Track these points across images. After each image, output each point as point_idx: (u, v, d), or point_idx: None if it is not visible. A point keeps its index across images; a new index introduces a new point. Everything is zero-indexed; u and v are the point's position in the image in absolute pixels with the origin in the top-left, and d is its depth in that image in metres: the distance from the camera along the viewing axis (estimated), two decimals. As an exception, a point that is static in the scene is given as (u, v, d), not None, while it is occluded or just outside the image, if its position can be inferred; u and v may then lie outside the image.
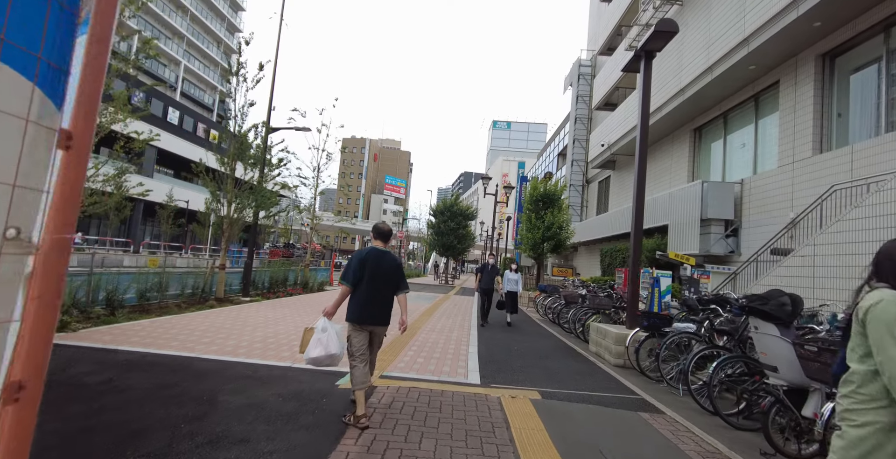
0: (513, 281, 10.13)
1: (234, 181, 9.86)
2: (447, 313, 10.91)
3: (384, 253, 3.59)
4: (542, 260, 15.34)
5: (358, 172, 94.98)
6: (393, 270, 3.56)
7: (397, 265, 3.63)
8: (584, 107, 31.15)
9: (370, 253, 3.53)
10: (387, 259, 3.57)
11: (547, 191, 14.86)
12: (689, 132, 17.71)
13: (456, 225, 26.52)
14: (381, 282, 3.50)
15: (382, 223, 3.82)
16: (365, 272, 3.45)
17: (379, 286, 3.48)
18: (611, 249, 20.32)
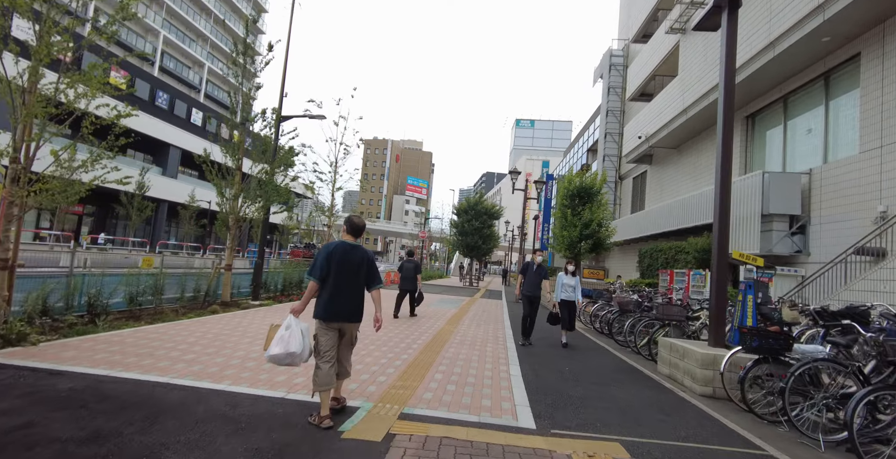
0: (569, 288, 7.83)
1: (240, 174, 8.93)
2: (477, 319, 9.72)
3: (354, 247, 3.46)
4: (578, 261, 13.95)
5: (380, 173, 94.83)
6: (362, 264, 3.42)
7: (367, 259, 3.48)
8: (615, 100, 29.46)
9: (337, 247, 3.38)
10: (356, 253, 3.43)
11: (584, 185, 13.48)
12: (740, 120, 16.00)
13: (480, 224, 25.27)
14: (349, 277, 3.36)
15: (356, 216, 3.64)
16: (331, 267, 3.30)
17: (346, 281, 3.35)
18: (651, 249, 18.71)
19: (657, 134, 20.26)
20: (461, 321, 9.30)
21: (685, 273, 13.96)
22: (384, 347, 5.99)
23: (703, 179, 18.21)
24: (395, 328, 7.79)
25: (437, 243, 47.77)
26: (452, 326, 8.44)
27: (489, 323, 9.37)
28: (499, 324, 9.18)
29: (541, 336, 8.22)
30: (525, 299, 7.79)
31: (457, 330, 8.03)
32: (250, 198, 9.09)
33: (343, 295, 3.32)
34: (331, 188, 13.53)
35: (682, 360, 5.04)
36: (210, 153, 8.85)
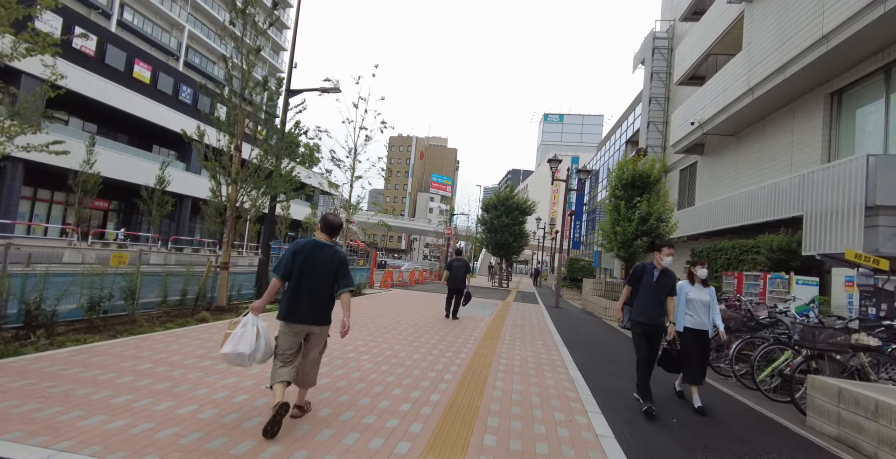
0: (700, 307, 4.70)
1: (239, 154, 7.52)
2: (520, 332, 8.05)
3: (325, 246, 3.24)
4: (633, 261, 12.05)
5: (404, 171, 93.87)
6: (331, 265, 3.19)
7: (339, 259, 3.23)
8: (659, 85, 27.08)
9: (306, 245, 3.20)
10: (326, 252, 3.21)
11: (640, 173, 11.56)
12: (822, 98, 13.68)
13: (511, 220, 23.48)
14: (316, 278, 3.14)
15: (333, 214, 3.42)
16: (296, 265, 3.12)
17: (312, 281, 3.13)
18: (709, 249, 16.54)
19: (713, 119, 17.98)
20: (500, 334, 7.65)
21: (760, 276, 11.88)
22: (408, 377, 4.42)
23: (769, 169, 15.89)
24: (423, 343, 6.24)
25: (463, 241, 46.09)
26: (491, 341, 6.80)
27: (535, 337, 7.68)
28: (548, 340, 7.48)
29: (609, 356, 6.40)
30: (639, 329, 4.64)
31: (498, 348, 6.39)
32: (252, 184, 7.68)
33: (308, 295, 3.12)
34: (349, 177, 12.07)
35: (873, 420, 3.24)
36: (204, 131, 7.47)
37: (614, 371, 5.73)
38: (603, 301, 11.82)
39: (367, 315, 8.46)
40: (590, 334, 8.78)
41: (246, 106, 7.56)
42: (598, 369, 5.73)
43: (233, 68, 7.54)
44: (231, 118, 7.48)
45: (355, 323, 7.25)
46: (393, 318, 8.30)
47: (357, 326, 7.07)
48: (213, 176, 7.32)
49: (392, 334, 6.63)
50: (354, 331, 6.58)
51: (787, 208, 12.84)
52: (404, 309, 9.79)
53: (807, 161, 13.96)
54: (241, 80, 7.55)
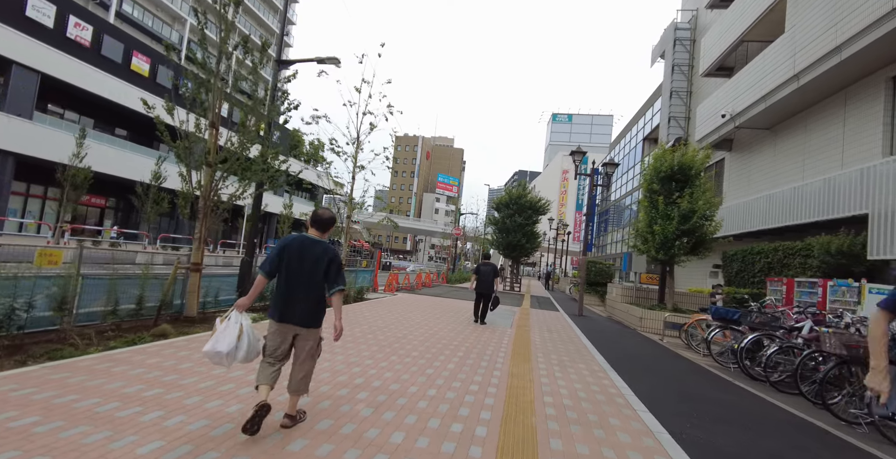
0: None
1: (215, 133, 6.22)
2: (553, 348, 6.69)
3: (314, 242, 3.04)
4: (673, 264, 10.62)
5: (410, 171, 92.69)
6: (321, 262, 2.99)
7: (330, 257, 3.02)
8: (681, 79, 25.62)
9: (294, 241, 3.03)
10: (315, 249, 3.01)
11: (683, 164, 10.14)
12: (882, 82, 12.20)
13: (524, 220, 22.06)
14: (302, 276, 2.98)
15: (324, 208, 3.24)
16: (283, 262, 2.97)
17: (299, 280, 2.97)
18: (744, 251, 15.06)
19: (748, 111, 16.52)
20: (531, 352, 6.29)
21: (818, 283, 10.40)
22: (422, 435, 3.03)
23: (815, 164, 14.41)
24: (438, 369, 4.94)
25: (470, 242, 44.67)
26: (523, 365, 5.43)
27: (573, 357, 6.29)
28: (591, 362, 6.08)
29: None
30: None
31: (535, 374, 5.02)
32: (232, 171, 6.38)
33: (296, 294, 2.95)
34: (351, 167, 10.74)
35: None
36: (174, 107, 6.18)
37: (694, 412, 4.32)
38: (637, 309, 10.39)
39: (370, 326, 7.12)
40: (634, 352, 7.37)
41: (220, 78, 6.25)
42: (673, 409, 4.33)
43: (205, 24, 6.24)
44: (204, 86, 6.17)
45: (355, 340, 5.95)
46: (400, 330, 6.96)
47: (357, 342, 5.75)
48: (181, 158, 6.02)
49: (399, 354, 5.29)
50: (353, 351, 5.26)
51: (846, 206, 11.37)
52: (413, 319, 8.44)
53: (863, 153, 12.47)
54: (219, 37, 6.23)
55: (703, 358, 7.26)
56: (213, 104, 6.25)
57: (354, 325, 7.05)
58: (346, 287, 10.37)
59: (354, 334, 6.29)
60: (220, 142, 6.37)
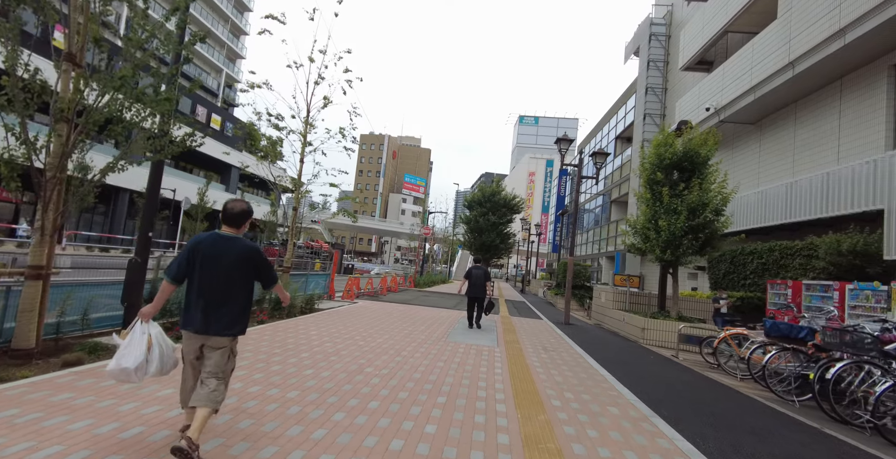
0: None
1: (73, 79, 4.15)
2: (563, 381, 5.01)
3: (230, 239, 2.68)
4: (678, 265, 9.23)
5: (376, 170, 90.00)
6: (237, 262, 2.65)
7: (250, 255, 2.69)
8: (657, 75, 24.98)
9: (205, 240, 2.67)
10: (232, 248, 2.65)
11: (689, 150, 8.75)
12: (883, 71, 11.43)
13: (498, 219, 20.50)
14: (217, 278, 2.61)
15: (234, 200, 2.82)
16: (196, 264, 2.60)
17: (214, 282, 2.61)
18: (732, 252, 14.06)
19: (735, 103, 15.68)
20: (538, 390, 4.55)
21: (833, 286, 9.30)
22: None
23: (806, 159, 13.62)
24: (418, 425, 3.20)
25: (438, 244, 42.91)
26: (537, 416, 3.70)
27: (594, 394, 4.60)
28: (623, 404, 4.41)
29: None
30: None
31: (557, 432, 3.27)
32: (96, 126, 4.35)
33: (206, 299, 2.59)
34: (299, 148, 8.72)
35: None
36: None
37: None
38: (638, 319, 8.92)
39: (312, 354, 5.20)
40: (660, 379, 5.78)
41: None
42: None
43: None
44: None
45: (284, 383, 4.10)
46: (355, 359, 5.09)
47: (286, 388, 3.91)
48: (4, 105, 3.88)
49: (350, 411, 3.41)
50: (277, 410, 3.35)
51: (854, 201, 10.40)
52: (375, 337, 6.56)
53: (864, 146, 11.64)
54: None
55: (740, 383, 5.79)
56: (72, 24, 4.15)
57: (290, 354, 5.08)
58: (292, 295, 8.10)
59: (286, 372, 4.34)
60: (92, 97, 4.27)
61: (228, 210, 2.74)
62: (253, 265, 2.70)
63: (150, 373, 2.60)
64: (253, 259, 2.70)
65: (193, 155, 33.86)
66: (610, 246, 28.51)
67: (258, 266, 2.72)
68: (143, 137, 4.76)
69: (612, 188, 30.75)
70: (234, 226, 2.73)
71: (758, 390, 5.49)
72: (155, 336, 2.64)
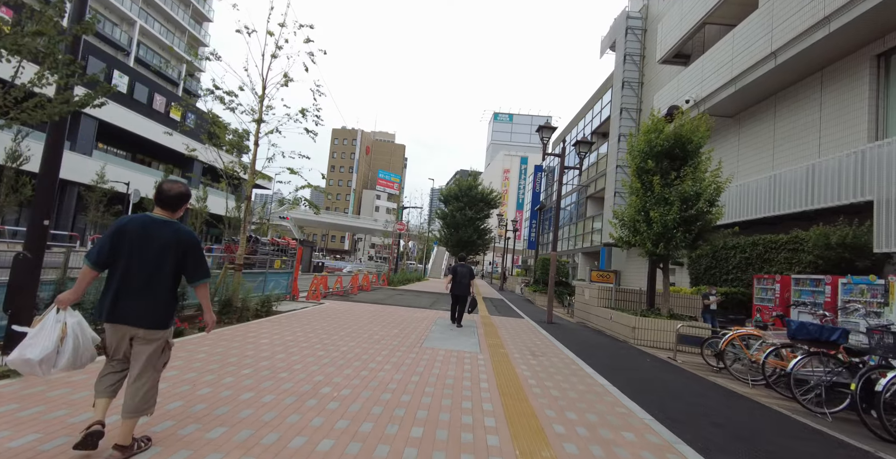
0: None
1: None
2: (559, 389, 4.36)
3: (162, 224, 2.45)
4: (668, 260, 8.67)
5: (348, 166, 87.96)
6: (168, 248, 2.42)
7: (184, 241, 2.47)
8: (633, 69, 24.77)
9: (132, 222, 2.45)
10: (163, 233, 2.43)
11: (680, 137, 8.16)
12: (866, 62, 11.24)
13: (475, 213, 19.76)
14: (145, 265, 2.40)
15: (171, 181, 2.62)
16: (123, 248, 2.38)
17: (140, 269, 2.39)
18: (713, 247, 13.76)
19: (715, 95, 15.42)
20: (534, 409, 3.79)
21: (824, 280, 8.95)
22: None
23: (786, 152, 13.44)
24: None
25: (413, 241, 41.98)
26: (542, 451, 2.87)
27: (600, 413, 3.84)
28: (631, 421, 3.67)
29: None
30: None
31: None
32: None
33: (132, 288, 2.38)
34: (253, 128, 7.65)
35: None
36: None
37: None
38: (628, 317, 8.31)
39: (258, 368, 4.28)
40: (666, 388, 5.11)
41: None
42: None
43: None
44: None
45: (207, 416, 3.11)
46: (311, 375, 4.22)
47: (212, 421, 2.94)
48: None
49: (291, 453, 2.53)
50: (193, 453, 2.41)
51: (840, 193, 10.13)
52: (339, 345, 5.67)
53: (846, 138, 11.45)
54: None
55: (754, 391, 5.19)
56: None
57: (227, 371, 4.12)
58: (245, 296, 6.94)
59: (215, 397, 3.38)
60: None
61: (164, 191, 2.50)
62: (183, 253, 2.46)
63: (60, 366, 2.38)
64: (185, 246, 2.47)
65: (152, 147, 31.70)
66: (586, 243, 28.28)
67: (190, 254, 2.49)
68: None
69: (588, 184, 30.56)
70: (169, 210, 2.51)
71: (776, 399, 4.88)
72: (71, 325, 2.41)
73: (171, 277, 2.47)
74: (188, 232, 2.54)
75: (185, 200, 2.56)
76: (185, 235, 2.50)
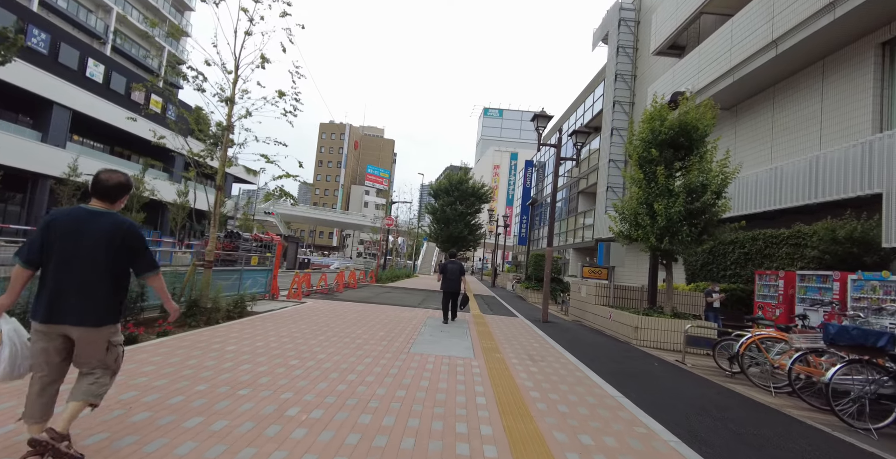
0: None
1: None
2: (567, 404, 3.83)
3: (98, 215, 2.31)
4: (672, 256, 8.18)
5: (336, 161, 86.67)
6: (104, 241, 2.26)
7: (122, 233, 2.30)
8: (626, 61, 24.35)
9: (63, 215, 2.29)
10: (98, 225, 2.27)
11: (684, 124, 7.62)
12: (871, 50, 10.87)
13: (466, 208, 19.18)
14: (81, 259, 2.24)
15: (109, 171, 2.42)
16: (54, 243, 2.23)
17: (75, 264, 2.24)
18: (716, 243, 13.37)
19: (713, 86, 15.03)
20: (540, 430, 3.22)
21: (833, 276, 8.56)
22: None
23: (785, 145, 13.11)
24: None
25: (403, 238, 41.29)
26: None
27: (619, 437, 3.30)
28: (647, 438, 3.14)
29: None
30: None
31: None
32: None
33: (68, 284, 2.23)
34: (226, 111, 6.96)
35: None
36: None
37: None
38: (630, 316, 7.81)
39: (215, 384, 3.67)
40: (685, 397, 4.59)
41: None
42: None
43: None
44: None
45: (135, 453, 2.44)
46: (278, 392, 3.62)
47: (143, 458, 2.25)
48: None
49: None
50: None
51: (848, 185, 9.74)
52: (315, 352, 5.07)
53: (849, 129, 11.09)
54: None
55: (778, 400, 4.68)
56: None
57: (177, 389, 3.47)
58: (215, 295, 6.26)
59: (152, 424, 2.75)
60: None
61: (102, 181, 2.37)
62: (124, 245, 2.33)
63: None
64: (125, 238, 2.34)
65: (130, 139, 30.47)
66: (577, 238, 27.92)
67: (131, 246, 2.36)
68: None
69: (579, 178, 30.18)
70: (106, 201, 2.39)
71: (806, 410, 4.36)
72: (7, 332, 2.29)
73: (112, 271, 2.31)
74: (128, 223, 2.37)
75: (124, 191, 2.43)
76: (124, 226, 2.34)
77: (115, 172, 2.44)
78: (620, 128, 24.08)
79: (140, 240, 2.42)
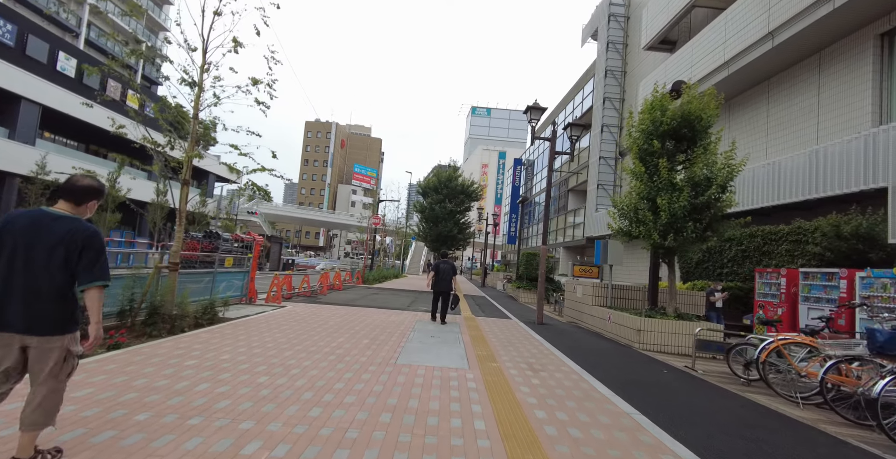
0: None
1: None
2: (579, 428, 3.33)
3: (57, 219, 2.20)
4: (675, 253, 7.74)
5: (323, 160, 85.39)
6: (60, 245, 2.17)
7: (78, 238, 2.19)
8: (615, 57, 24.06)
9: (18, 218, 2.20)
10: (56, 228, 2.17)
11: (688, 113, 7.17)
12: (869, 41, 10.61)
13: (456, 206, 18.63)
14: (33, 264, 2.15)
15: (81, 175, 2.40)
16: (7, 246, 2.14)
17: (29, 270, 2.14)
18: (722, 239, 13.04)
19: (707, 80, 14.74)
20: (548, 455, 2.66)
21: (839, 274, 8.21)
22: None
23: (781, 139, 12.86)
24: None
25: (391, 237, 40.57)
26: None
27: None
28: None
29: None
30: None
31: None
32: None
33: (18, 289, 2.13)
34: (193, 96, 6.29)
35: None
36: None
37: None
38: (632, 318, 7.35)
39: (160, 410, 3.07)
40: (705, 411, 4.11)
41: None
42: None
43: None
44: None
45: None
46: (237, 419, 3.05)
47: None
48: None
49: None
50: None
51: (851, 179, 9.44)
52: (289, 366, 4.54)
53: (848, 122, 10.82)
54: None
55: (808, 414, 4.23)
56: None
57: (112, 421, 2.87)
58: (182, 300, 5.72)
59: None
60: None
61: (71, 182, 2.32)
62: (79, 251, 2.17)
63: None
64: (86, 245, 2.20)
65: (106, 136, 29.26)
66: (567, 237, 27.61)
67: (85, 253, 2.19)
68: None
69: (569, 176, 29.87)
70: (72, 203, 2.29)
71: (842, 426, 3.87)
72: None
73: (66, 278, 2.20)
74: (88, 228, 2.25)
75: (92, 195, 2.35)
76: (82, 231, 2.22)
77: (87, 177, 2.38)
78: (611, 124, 23.79)
79: (95, 248, 2.27)
